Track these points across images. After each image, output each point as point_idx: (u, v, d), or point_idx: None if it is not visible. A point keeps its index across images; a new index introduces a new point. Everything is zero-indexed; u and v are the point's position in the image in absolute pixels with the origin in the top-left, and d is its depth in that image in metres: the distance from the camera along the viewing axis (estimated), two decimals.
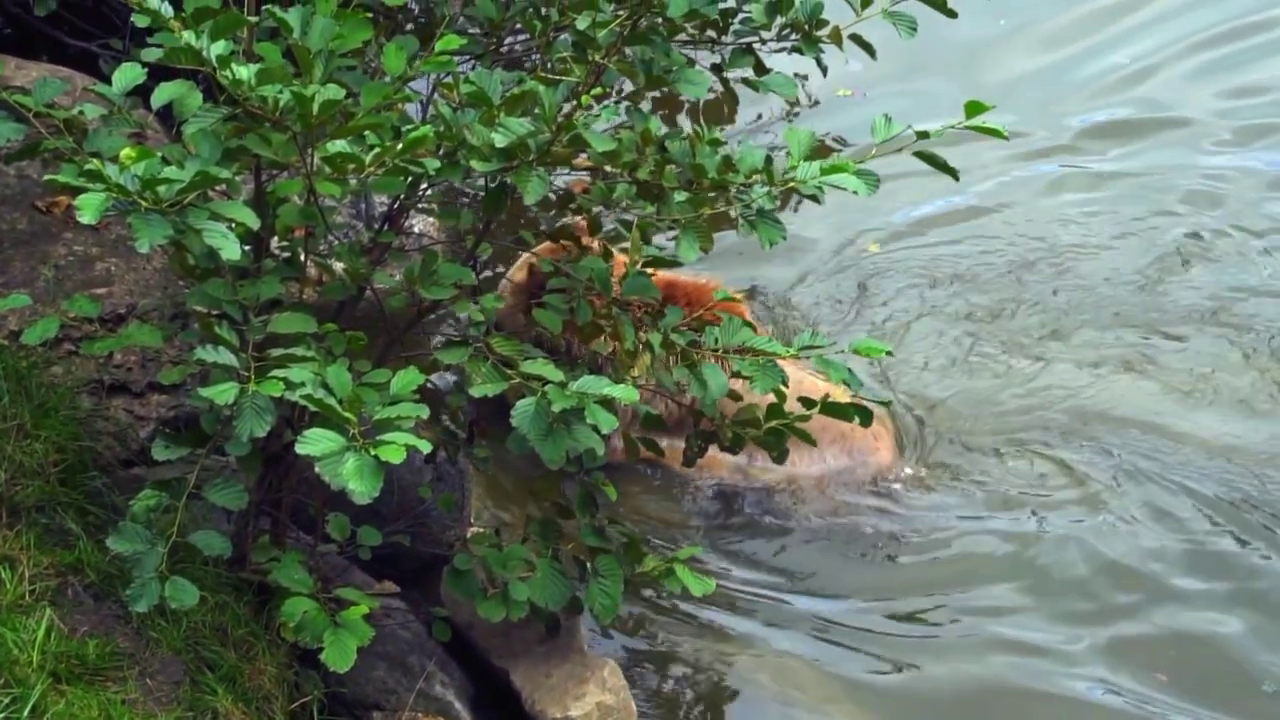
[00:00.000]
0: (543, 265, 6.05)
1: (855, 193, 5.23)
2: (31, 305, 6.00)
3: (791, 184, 5.29)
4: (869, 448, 7.89)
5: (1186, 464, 8.10)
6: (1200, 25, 11.68)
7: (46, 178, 5.15)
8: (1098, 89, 11.12)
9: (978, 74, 10.79)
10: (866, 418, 5.82)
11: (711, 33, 6.05)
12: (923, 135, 5.47)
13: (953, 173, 5.63)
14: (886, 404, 5.96)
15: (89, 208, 4.58)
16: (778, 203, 5.42)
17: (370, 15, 5.10)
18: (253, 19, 5.04)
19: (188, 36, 4.75)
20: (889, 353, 5.71)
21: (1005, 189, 10.00)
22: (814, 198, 5.37)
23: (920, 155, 5.53)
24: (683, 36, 5.79)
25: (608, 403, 4.99)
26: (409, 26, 6.18)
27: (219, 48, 4.76)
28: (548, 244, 6.21)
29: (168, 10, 4.79)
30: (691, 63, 5.57)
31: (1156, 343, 8.90)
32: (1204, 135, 10.67)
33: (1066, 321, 9.05)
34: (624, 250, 5.87)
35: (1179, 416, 8.43)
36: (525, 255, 7.45)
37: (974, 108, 5.38)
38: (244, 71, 4.75)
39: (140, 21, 4.86)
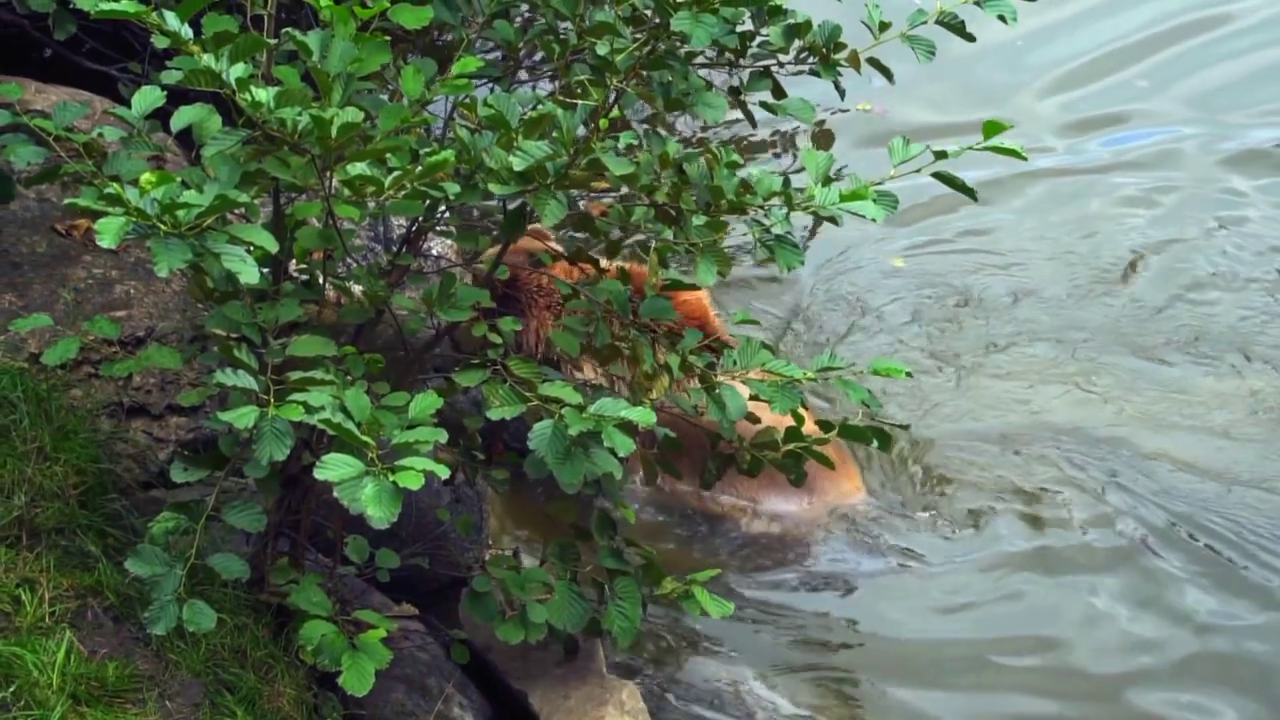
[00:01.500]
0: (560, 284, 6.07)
1: (874, 220, 5.25)
2: (51, 327, 6.02)
3: (810, 208, 5.30)
4: (829, 487, 7.82)
5: (1178, 491, 8.01)
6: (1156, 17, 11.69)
7: (66, 201, 5.16)
8: (1068, 83, 11.12)
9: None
10: (885, 441, 5.83)
11: (729, 56, 6.05)
12: (940, 155, 5.48)
13: (971, 193, 5.64)
14: (905, 427, 5.97)
15: (109, 232, 4.60)
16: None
17: (389, 38, 5.12)
18: (272, 41, 5.06)
19: (207, 59, 4.77)
20: (908, 374, 5.72)
21: (990, 190, 9.89)
22: (833, 220, 5.38)
23: (939, 176, 5.53)
24: (700, 60, 5.79)
25: (626, 426, 5.00)
26: (419, 56, 6.20)
27: (238, 70, 4.78)
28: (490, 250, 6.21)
29: (187, 33, 4.81)
30: (709, 86, 5.58)
31: (1138, 365, 8.82)
32: (1178, 134, 10.63)
33: (1052, 340, 9.00)
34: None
35: (1163, 438, 8.35)
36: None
37: (992, 128, 5.39)
38: (263, 94, 4.77)
39: (160, 43, 4.88)
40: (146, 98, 5.37)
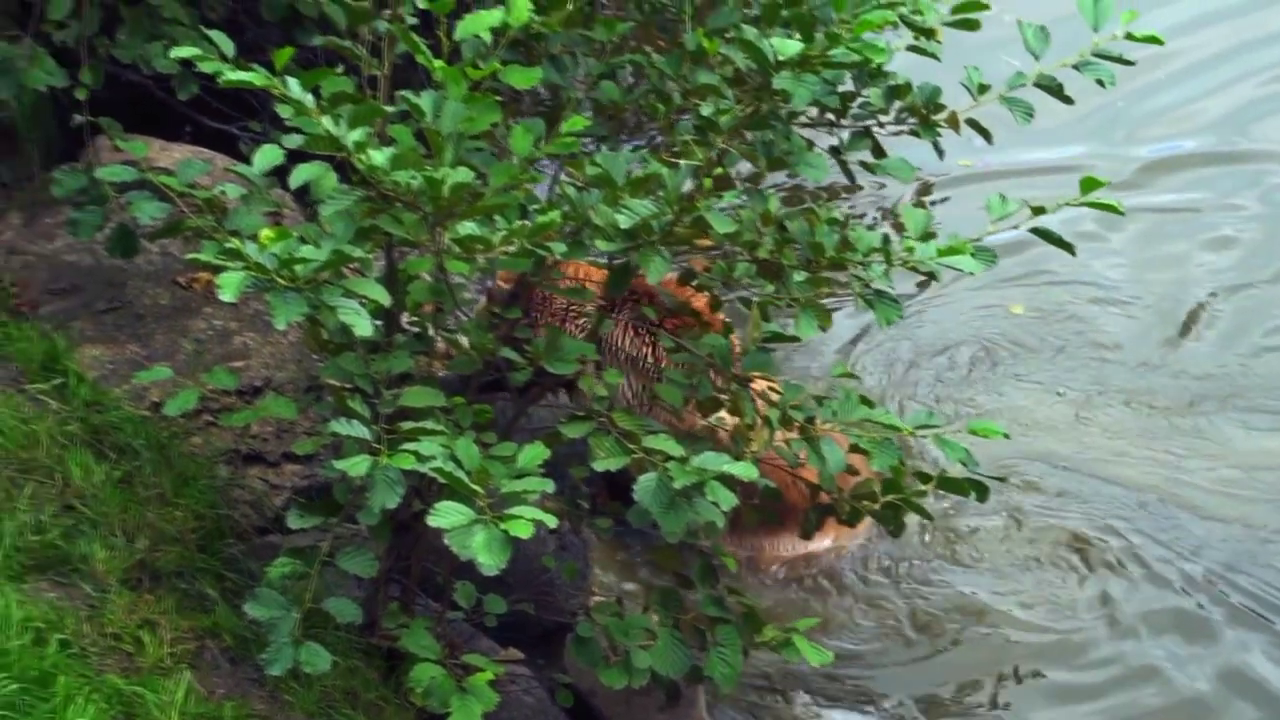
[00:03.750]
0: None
1: (972, 274, 5.26)
2: (172, 377, 6.13)
3: (909, 263, 5.32)
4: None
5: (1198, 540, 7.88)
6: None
7: (189, 256, 5.25)
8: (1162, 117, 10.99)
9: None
10: (983, 494, 5.82)
11: (830, 116, 6.06)
12: (1038, 211, 5.49)
13: (1069, 248, 5.64)
14: (1002, 479, 5.95)
15: (229, 286, 4.69)
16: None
17: (499, 98, 5.18)
18: (389, 109, 5.13)
19: (327, 123, 4.85)
20: (1005, 435, 5.70)
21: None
22: (931, 275, 5.40)
23: (1037, 232, 5.55)
24: (802, 120, 5.81)
25: (727, 479, 5.02)
26: (529, 108, 6.26)
27: (356, 135, 4.86)
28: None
29: (310, 101, 4.90)
30: (810, 145, 5.61)
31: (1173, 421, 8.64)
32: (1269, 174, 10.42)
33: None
34: None
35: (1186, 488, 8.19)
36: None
37: (1089, 184, 5.40)
38: (379, 157, 4.85)
39: (284, 113, 4.98)
40: (266, 156, 5.45)
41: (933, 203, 10.04)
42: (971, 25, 5.72)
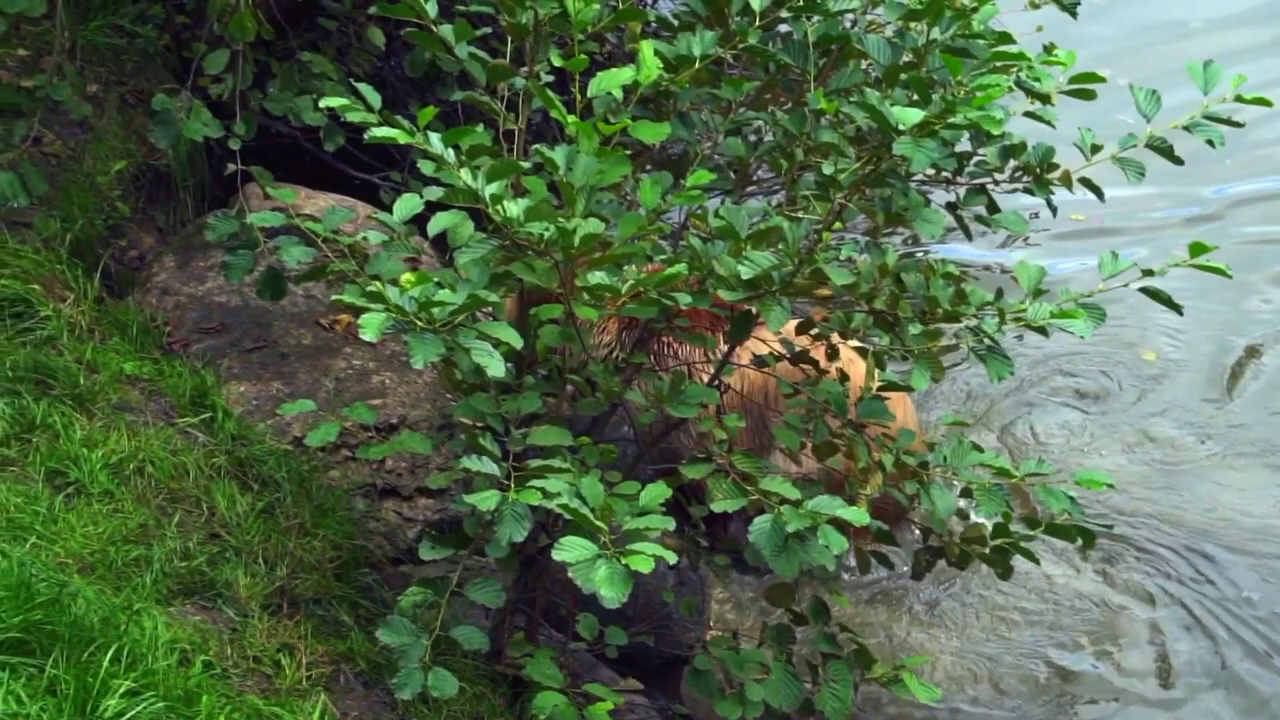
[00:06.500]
0: None
1: (1082, 337, 5.24)
2: (314, 412, 6.19)
3: (1022, 321, 5.30)
4: None
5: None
6: None
7: (333, 298, 5.32)
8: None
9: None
10: (1090, 540, 5.77)
11: (947, 174, 6.05)
12: (1148, 273, 5.46)
13: (1177, 308, 5.58)
14: (1110, 528, 5.88)
15: (371, 326, 4.74)
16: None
17: (629, 152, 5.22)
18: (525, 165, 5.19)
19: (466, 177, 4.91)
20: (1110, 485, 5.65)
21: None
22: (1042, 331, 5.37)
23: (1145, 292, 5.52)
24: (920, 177, 5.80)
25: (839, 523, 5.02)
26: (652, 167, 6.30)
27: (493, 188, 4.91)
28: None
29: (450, 156, 4.97)
30: (928, 202, 5.60)
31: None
32: None
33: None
34: None
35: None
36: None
37: (1197, 249, 5.36)
38: (514, 209, 4.90)
39: (425, 169, 5.04)
40: (406, 205, 5.52)
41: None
42: (1088, 95, 5.71)
